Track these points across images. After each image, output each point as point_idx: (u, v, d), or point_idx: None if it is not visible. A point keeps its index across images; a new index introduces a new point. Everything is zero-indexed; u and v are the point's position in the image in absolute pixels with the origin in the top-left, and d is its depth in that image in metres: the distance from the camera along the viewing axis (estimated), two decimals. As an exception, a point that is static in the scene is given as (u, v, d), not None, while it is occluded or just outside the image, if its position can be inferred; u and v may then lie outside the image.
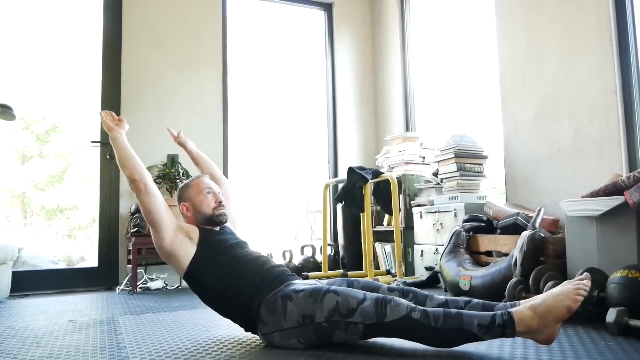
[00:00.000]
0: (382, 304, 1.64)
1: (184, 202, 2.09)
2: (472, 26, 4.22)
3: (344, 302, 1.68)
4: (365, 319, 1.64)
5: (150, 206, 1.93)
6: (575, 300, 1.53)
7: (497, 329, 1.54)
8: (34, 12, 4.36)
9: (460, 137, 3.59)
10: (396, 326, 1.61)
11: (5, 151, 4.72)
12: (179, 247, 1.94)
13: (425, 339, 1.62)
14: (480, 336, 1.55)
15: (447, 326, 1.57)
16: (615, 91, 2.78)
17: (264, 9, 5.04)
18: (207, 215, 2.04)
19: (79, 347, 1.95)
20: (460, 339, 1.59)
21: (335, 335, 1.70)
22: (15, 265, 3.94)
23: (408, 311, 1.61)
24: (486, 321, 1.55)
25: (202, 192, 2.07)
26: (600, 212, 2.23)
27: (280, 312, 1.76)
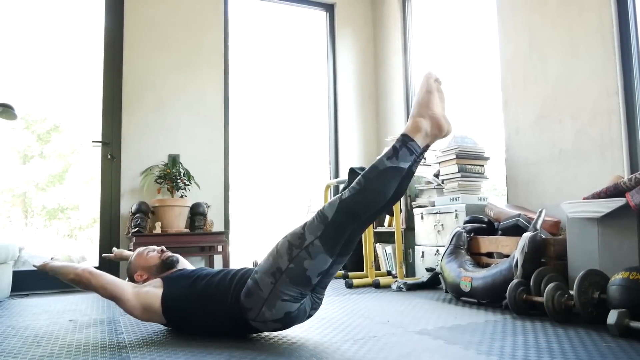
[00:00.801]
0: (320, 212, 1.77)
1: (136, 273, 2.19)
2: (474, 27, 4.22)
3: (292, 235, 1.80)
4: (315, 232, 1.73)
5: (102, 283, 2.00)
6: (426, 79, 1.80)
7: (401, 150, 1.72)
8: (35, 12, 4.37)
9: (462, 138, 3.59)
10: (340, 217, 1.72)
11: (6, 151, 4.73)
12: (145, 297, 2.00)
13: (365, 202, 1.72)
14: (397, 165, 1.71)
15: (371, 180, 1.72)
16: (617, 93, 2.77)
17: (266, 9, 5.05)
18: (158, 265, 2.17)
19: (79, 346, 1.95)
20: (387, 179, 1.72)
21: (307, 269, 1.75)
22: (16, 265, 3.94)
23: (339, 199, 1.75)
24: (390, 151, 1.74)
25: (144, 253, 2.21)
26: (601, 213, 2.23)
27: (254, 289, 1.82)
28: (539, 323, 2.16)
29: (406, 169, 1.73)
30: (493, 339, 1.88)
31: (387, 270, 4.08)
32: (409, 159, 1.73)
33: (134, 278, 2.19)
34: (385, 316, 2.41)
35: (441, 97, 1.82)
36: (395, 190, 1.74)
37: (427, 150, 1.83)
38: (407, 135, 1.75)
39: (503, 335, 1.93)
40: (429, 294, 3.08)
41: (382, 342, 1.87)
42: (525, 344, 1.79)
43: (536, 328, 2.06)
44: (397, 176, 1.72)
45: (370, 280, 3.58)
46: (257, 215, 5.58)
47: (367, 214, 1.73)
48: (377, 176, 1.71)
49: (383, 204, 1.74)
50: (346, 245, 1.79)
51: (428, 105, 1.77)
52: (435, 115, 1.76)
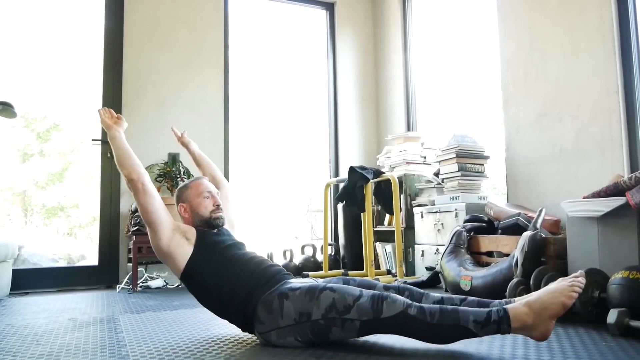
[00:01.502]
0: (379, 301, 1.64)
1: (182, 204, 2.10)
2: (474, 26, 4.22)
3: (341, 298, 1.68)
4: (361, 315, 1.64)
5: (147, 206, 1.94)
6: (570, 297, 1.55)
7: (493, 325, 1.55)
8: (35, 10, 4.36)
9: (462, 137, 3.59)
10: (393, 322, 1.62)
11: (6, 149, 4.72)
12: (175, 248, 1.95)
13: (422, 335, 1.62)
14: (476, 332, 1.56)
15: (443, 322, 1.58)
16: (617, 92, 2.77)
17: (266, 8, 5.04)
18: (204, 218, 2.05)
19: (79, 345, 1.95)
20: (456, 335, 1.60)
21: (332, 333, 1.70)
22: (16, 263, 3.94)
23: (404, 307, 1.61)
24: (482, 317, 1.56)
25: (201, 195, 2.08)
26: (601, 212, 2.22)
27: (277, 310, 1.76)
28: (538, 322, 2.16)
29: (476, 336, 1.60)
30: (493, 337, 1.87)
31: (387, 269, 4.08)
32: (488, 334, 1.59)
33: (178, 203, 2.11)
34: (385, 315, 2.40)
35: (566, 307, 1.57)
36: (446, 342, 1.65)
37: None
38: (510, 318, 1.55)
39: (503, 335, 1.93)
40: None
41: (384, 338, 1.87)
42: (525, 342, 1.78)
43: (536, 327, 2.05)
44: (465, 337, 1.60)
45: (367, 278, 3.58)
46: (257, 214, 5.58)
47: (414, 337, 1.65)
48: (452, 329, 1.57)
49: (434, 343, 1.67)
50: None
51: (555, 315, 1.55)
52: (548, 331, 1.55)
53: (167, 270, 4.07)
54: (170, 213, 2.01)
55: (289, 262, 4.33)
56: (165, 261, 1.99)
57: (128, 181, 1.96)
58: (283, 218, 5.52)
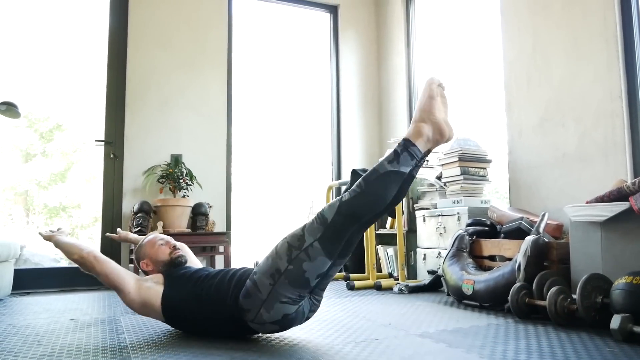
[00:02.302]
0: (319, 214, 1.77)
1: (143, 260, 2.18)
2: (478, 30, 4.22)
3: (292, 236, 1.80)
4: (314, 234, 1.73)
5: (106, 270, 1.99)
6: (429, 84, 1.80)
7: (403, 154, 1.73)
8: (39, 11, 4.38)
9: (465, 140, 3.58)
10: (340, 219, 1.72)
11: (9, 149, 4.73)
12: (146, 292, 2.00)
13: (365, 204, 1.72)
14: (397, 169, 1.72)
15: (370, 182, 1.72)
16: (620, 96, 2.77)
17: (270, 10, 5.05)
18: (166, 261, 2.14)
19: (80, 346, 1.95)
20: (387, 182, 1.72)
21: (306, 271, 1.75)
22: (18, 263, 3.94)
23: (339, 201, 1.75)
24: (391, 155, 1.75)
25: (156, 244, 2.18)
26: (604, 217, 2.22)
27: (253, 290, 1.82)
28: (541, 327, 2.15)
29: (407, 173, 1.73)
30: (495, 342, 1.87)
31: (389, 273, 4.07)
32: (410, 164, 1.73)
33: (139, 264, 2.19)
34: (387, 319, 2.40)
35: (444, 102, 1.82)
36: (395, 194, 1.74)
37: (428, 155, 1.83)
38: (408, 139, 1.76)
39: (505, 339, 1.93)
40: (430, 297, 3.07)
41: (384, 344, 1.87)
42: (527, 348, 1.78)
43: (539, 332, 2.05)
44: (397, 180, 1.72)
45: (371, 282, 3.58)
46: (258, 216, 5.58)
47: (367, 216, 1.73)
48: (377, 179, 1.71)
49: (383, 207, 1.74)
50: (345, 247, 1.78)
51: (430, 110, 1.77)
52: (437, 121, 1.76)
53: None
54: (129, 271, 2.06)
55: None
56: (145, 312, 2.03)
57: (81, 263, 2.01)
58: (285, 220, 5.51)
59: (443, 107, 1.80)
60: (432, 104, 1.77)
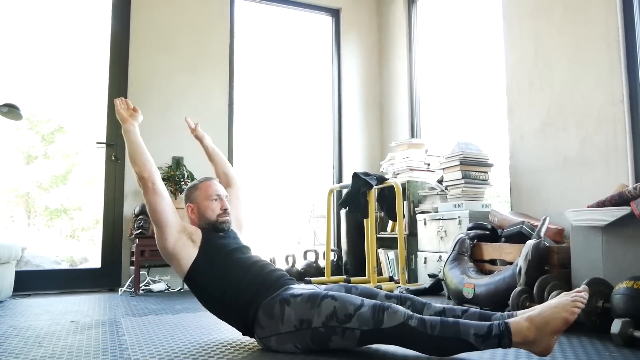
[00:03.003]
0: (380, 311, 1.63)
1: (190, 204, 2.08)
2: (479, 34, 4.23)
3: (342, 307, 1.67)
4: (362, 324, 1.63)
5: (156, 206, 1.93)
6: (572, 313, 1.53)
7: (494, 339, 1.54)
8: (42, 13, 4.39)
9: (466, 144, 3.59)
10: (393, 333, 1.61)
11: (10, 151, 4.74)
12: (181, 249, 1.94)
13: (422, 347, 1.62)
14: (477, 346, 1.55)
15: (444, 335, 1.57)
16: (622, 101, 2.77)
17: (272, 13, 5.06)
18: (211, 221, 2.04)
19: (81, 347, 1.95)
20: (456, 348, 1.59)
21: (332, 341, 1.69)
22: (19, 265, 3.95)
23: (405, 318, 1.60)
24: (483, 331, 1.55)
25: (209, 198, 2.06)
26: (606, 222, 2.22)
27: (277, 316, 1.76)
28: (542, 331, 2.14)
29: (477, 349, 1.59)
30: (495, 350, 1.86)
31: (390, 276, 4.07)
32: (490, 348, 1.58)
33: (186, 203, 2.10)
34: (387, 322, 2.39)
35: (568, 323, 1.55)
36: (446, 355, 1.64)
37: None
38: (510, 336, 1.54)
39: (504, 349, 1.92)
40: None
41: (384, 347, 1.86)
42: (528, 354, 1.77)
43: (539, 336, 2.04)
44: (466, 351, 1.60)
45: (372, 285, 3.57)
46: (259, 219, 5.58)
47: (414, 348, 1.64)
48: (452, 341, 1.57)
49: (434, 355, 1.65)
50: None
51: (557, 332, 1.53)
52: (550, 346, 1.54)
53: (170, 274, 4.07)
54: (178, 214, 2.00)
55: (291, 268, 4.33)
56: (170, 262, 1.99)
57: (139, 179, 1.94)
58: (286, 223, 5.51)
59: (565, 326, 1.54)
60: (560, 328, 1.53)
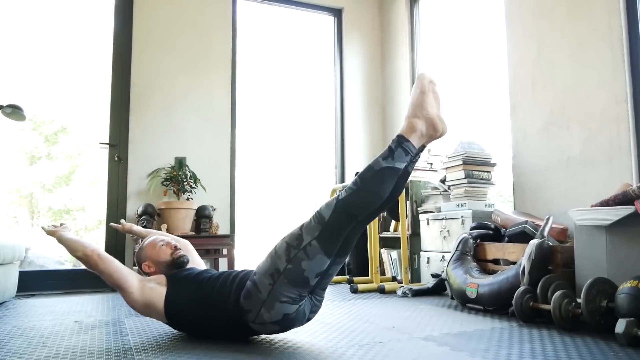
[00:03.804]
0: (317, 213, 1.78)
1: (144, 262, 2.16)
2: (482, 33, 4.22)
3: (290, 236, 1.80)
4: (312, 232, 1.74)
5: (109, 269, 1.97)
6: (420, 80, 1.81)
7: (397, 150, 1.74)
8: (44, 14, 4.40)
9: (469, 144, 3.58)
10: (337, 217, 1.73)
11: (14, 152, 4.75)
12: (149, 293, 1.99)
13: (361, 202, 1.73)
14: (392, 165, 1.73)
15: (366, 179, 1.73)
16: (625, 100, 2.76)
17: (274, 14, 5.06)
18: (168, 262, 2.13)
19: (84, 347, 1.95)
20: (383, 179, 1.72)
21: (305, 270, 1.76)
22: (22, 265, 3.96)
23: (337, 199, 1.76)
24: (386, 152, 1.75)
25: (157, 246, 2.16)
26: (610, 221, 2.21)
27: (253, 291, 1.83)
28: (545, 331, 2.15)
29: (402, 169, 1.74)
30: (500, 346, 1.86)
31: (392, 276, 4.07)
32: (404, 159, 1.75)
33: (141, 266, 2.17)
34: (390, 322, 2.40)
35: (436, 97, 1.84)
36: (391, 190, 1.75)
37: (422, 151, 1.85)
38: (402, 135, 1.77)
39: (510, 343, 1.92)
40: (434, 300, 3.07)
41: (387, 347, 1.86)
42: (532, 352, 1.77)
43: (543, 336, 2.05)
44: (393, 176, 1.73)
45: (375, 285, 3.57)
46: (262, 219, 5.58)
47: (364, 214, 1.74)
48: (373, 176, 1.72)
49: (379, 204, 1.74)
50: (344, 245, 1.80)
51: (422, 106, 1.80)
52: (430, 116, 1.79)
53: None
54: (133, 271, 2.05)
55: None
56: (148, 312, 2.02)
57: (85, 261, 1.98)
58: (288, 223, 5.51)
59: (435, 102, 1.82)
60: (424, 99, 1.80)
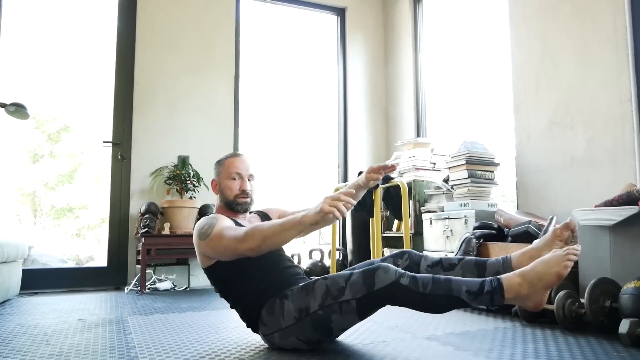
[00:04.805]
0: (370, 274, 1.62)
1: (214, 178, 2.05)
2: (486, 33, 4.21)
3: (333, 283, 1.67)
4: (356, 293, 1.62)
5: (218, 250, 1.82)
6: (565, 267, 1.55)
7: (486, 295, 1.55)
8: (48, 13, 4.41)
9: (472, 143, 3.57)
10: (386, 294, 1.60)
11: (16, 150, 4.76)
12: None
13: (415, 304, 1.60)
14: (469, 302, 1.57)
15: (436, 292, 1.57)
16: (630, 100, 2.75)
17: (277, 13, 5.06)
18: (227, 200, 1.99)
19: (88, 345, 1.96)
20: (448, 305, 1.59)
21: (333, 322, 1.67)
22: (25, 264, 3.97)
23: (397, 277, 1.59)
24: (475, 287, 1.56)
25: (229, 176, 1.99)
26: (613, 221, 2.21)
27: (278, 312, 1.75)
28: (549, 331, 2.14)
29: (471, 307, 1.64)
30: (503, 346, 1.86)
31: (395, 275, 4.05)
32: (483, 305, 1.59)
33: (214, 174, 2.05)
34: (393, 321, 2.40)
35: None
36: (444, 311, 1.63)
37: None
38: (503, 291, 1.55)
39: (513, 343, 1.92)
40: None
41: (390, 347, 1.86)
42: (535, 351, 1.77)
43: (546, 336, 2.04)
44: (459, 307, 1.61)
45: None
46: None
47: (409, 307, 1.62)
48: (444, 298, 1.56)
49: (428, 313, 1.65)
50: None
51: (548, 287, 1.56)
52: (542, 301, 1.56)
53: (176, 272, 4.08)
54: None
55: (297, 267, 4.32)
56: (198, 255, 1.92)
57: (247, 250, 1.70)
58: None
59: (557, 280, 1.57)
60: (553, 283, 1.56)
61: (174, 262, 4.11)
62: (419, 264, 1.89)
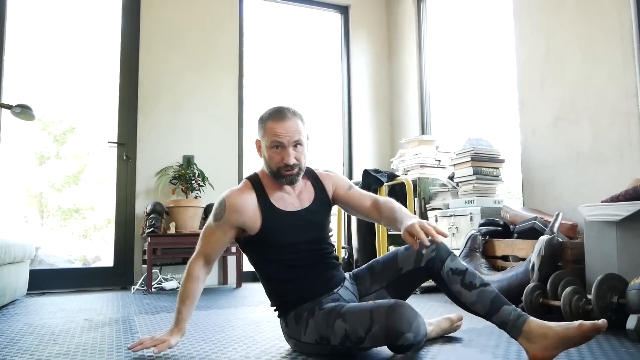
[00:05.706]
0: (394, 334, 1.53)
1: (258, 139, 1.87)
2: (490, 29, 4.20)
3: (353, 331, 1.59)
4: (376, 343, 1.60)
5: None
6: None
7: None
8: (53, 14, 4.42)
9: (477, 140, 3.56)
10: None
11: (23, 152, 4.78)
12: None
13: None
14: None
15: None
16: (636, 95, 2.74)
17: (281, 11, 5.06)
18: (272, 170, 1.81)
19: (95, 345, 1.97)
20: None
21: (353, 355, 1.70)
22: (33, 264, 3.99)
23: (417, 342, 1.59)
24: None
25: (271, 144, 1.77)
26: (620, 217, 2.19)
27: (302, 324, 1.72)
28: (556, 327, 2.13)
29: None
30: (510, 342, 1.85)
31: (401, 273, 4.05)
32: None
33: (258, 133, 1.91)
34: (399, 318, 2.38)
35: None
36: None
37: None
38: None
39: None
40: (443, 297, 3.05)
41: (397, 344, 1.86)
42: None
43: (553, 332, 2.03)
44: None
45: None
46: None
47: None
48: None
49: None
50: None
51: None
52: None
53: (182, 272, 4.09)
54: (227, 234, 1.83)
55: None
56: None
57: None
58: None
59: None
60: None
61: (180, 261, 4.12)
62: (441, 269, 1.73)
